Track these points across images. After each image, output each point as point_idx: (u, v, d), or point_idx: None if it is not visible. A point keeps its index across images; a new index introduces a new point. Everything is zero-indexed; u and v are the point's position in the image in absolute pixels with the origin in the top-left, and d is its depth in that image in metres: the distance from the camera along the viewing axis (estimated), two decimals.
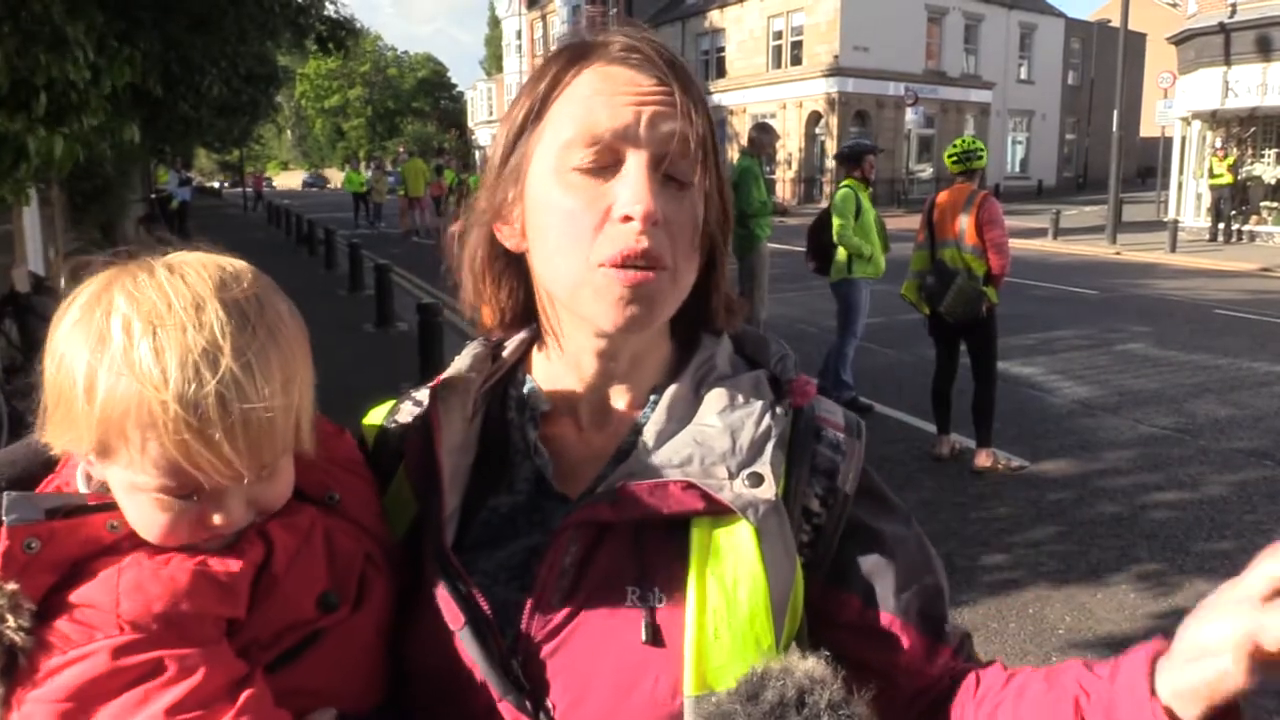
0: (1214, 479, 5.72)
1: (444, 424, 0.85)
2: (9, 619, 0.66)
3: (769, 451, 0.81)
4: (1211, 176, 20.20)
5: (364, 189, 28.30)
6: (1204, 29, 20.47)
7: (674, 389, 0.85)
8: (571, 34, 0.84)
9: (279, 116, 50.52)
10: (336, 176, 57.20)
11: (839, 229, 6.71)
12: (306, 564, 0.78)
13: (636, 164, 0.77)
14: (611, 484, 0.79)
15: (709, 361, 0.88)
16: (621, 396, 0.87)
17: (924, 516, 0.95)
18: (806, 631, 0.83)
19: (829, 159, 31.62)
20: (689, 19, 39.74)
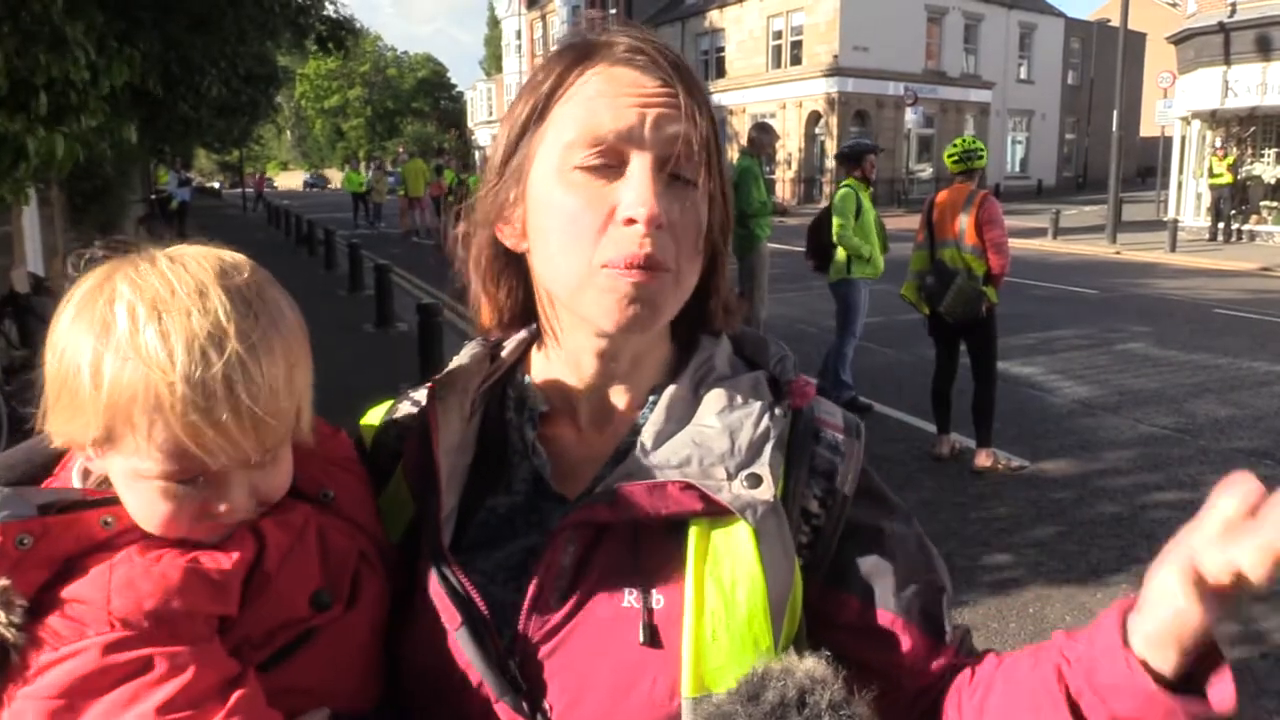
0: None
1: (442, 424, 0.85)
2: (0, 615, 0.66)
3: (768, 452, 0.80)
4: (1211, 176, 20.20)
5: (363, 189, 28.31)
6: (1203, 28, 20.47)
7: (673, 390, 0.85)
8: (574, 34, 0.83)
9: (279, 117, 50.49)
10: (337, 177, 57.19)
11: (838, 229, 6.70)
12: (299, 562, 0.77)
13: (641, 166, 0.77)
14: (610, 485, 0.79)
15: (708, 362, 0.87)
16: (621, 397, 0.87)
17: (924, 516, 0.95)
18: (806, 633, 0.82)
19: (829, 159, 31.63)
20: (688, 19, 39.73)
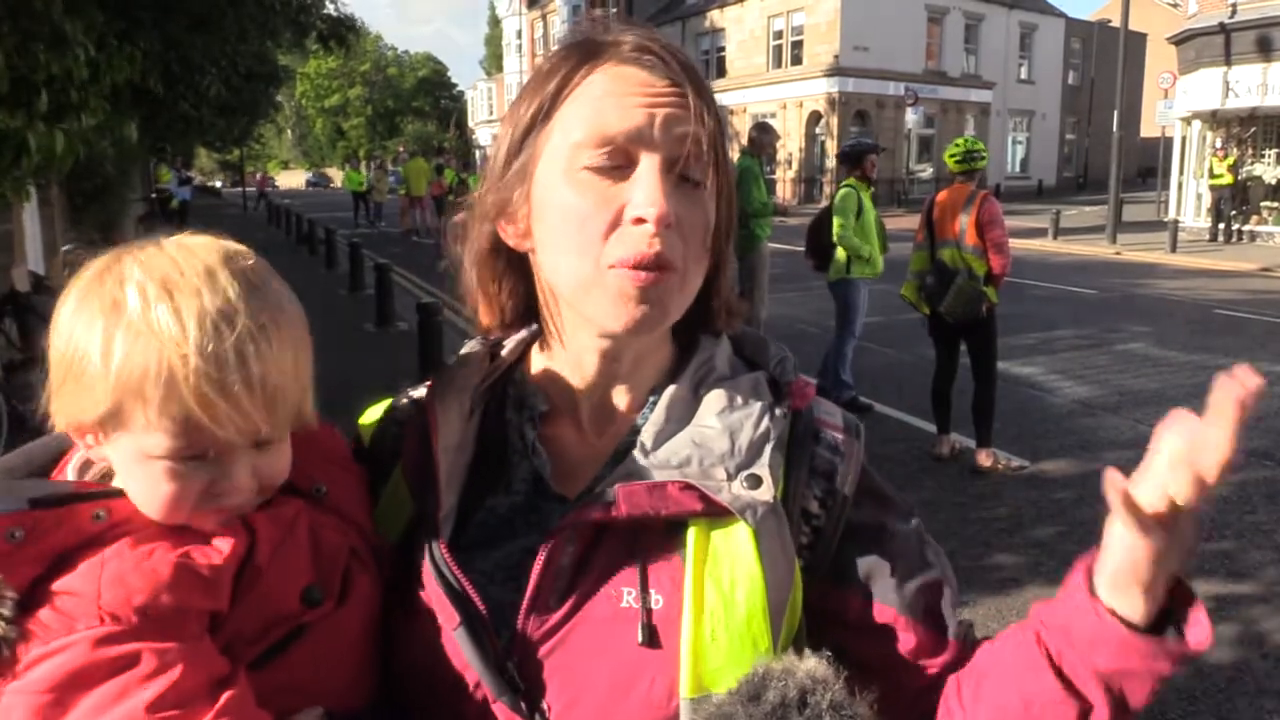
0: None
1: (441, 422, 0.85)
2: None
3: (768, 453, 0.80)
4: (1212, 176, 20.19)
5: (364, 188, 28.30)
6: (1204, 29, 20.46)
7: (673, 390, 0.84)
8: (579, 33, 0.82)
9: (279, 116, 50.52)
10: (338, 176, 57.20)
11: (839, 230, 6.70)
12: (290, 557, 0.77)
13: (650, 166, 0.76)
14: (610, 485, 0.79)
15: (708, 363, 0.87)
16: (622, 397, 0.86)
17: (924, 516, 0.95)
18: (806, 634, 0.82)
19: (829, 159, 31.63)
20: (689, 18, 39.73)
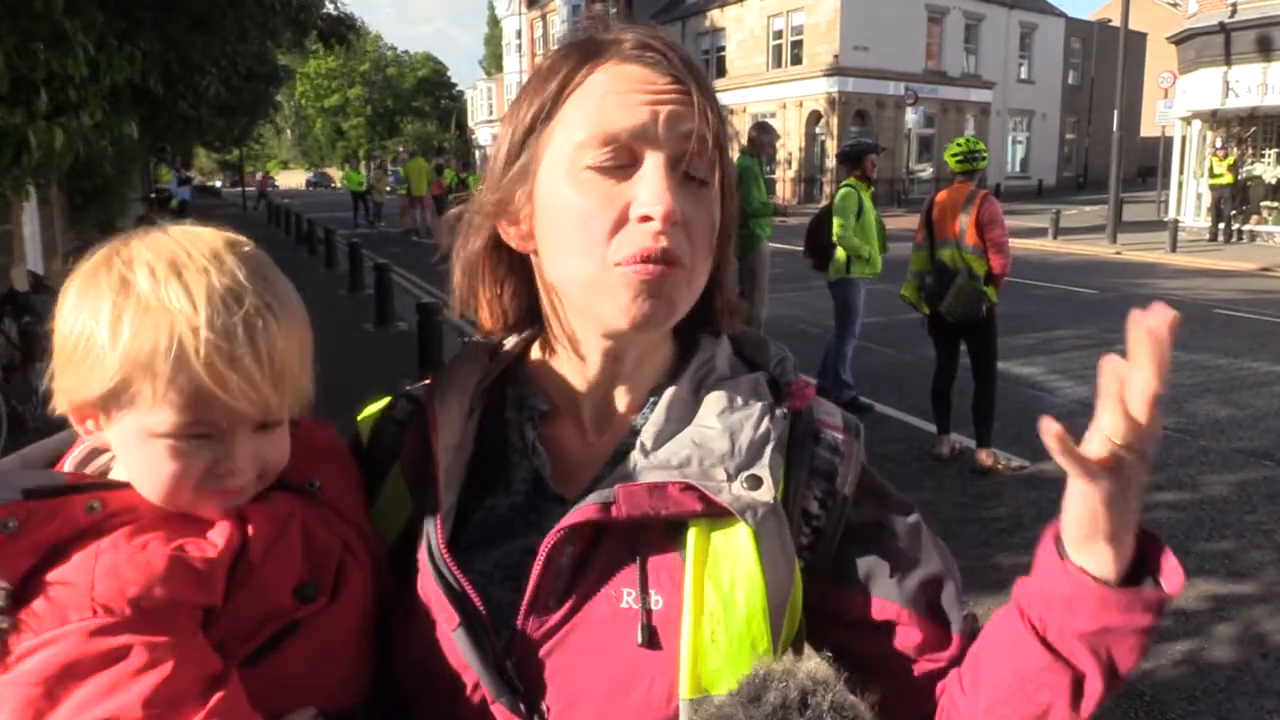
0: (1214, 479, 5.72)
1: (441, 421, 0.84)
2: None
3: (768, 454, 0.80)
4: (1212, 176, 20.19)
5: (363, 188, 28.29)
6: (1204, 29, 20.46)
7: (673, 390, 0.84)
8: (578, 31, 0.82)
9: (279, 116, 50.48)
10: (338, 176, 57.21)
11: (839, 230, 6.70)
12: (283, 553, 0.77)
13: (655, 164, 0.76)
14: (610, 485, 0.78)
15: (709, 363, 0.87)
16: (622, 397, 0.86)
17: (924, 516, 0.95)
18: (808, 634, 0.82)
19: (829, 159, 31.62)
20: (689, 18, 39.74)
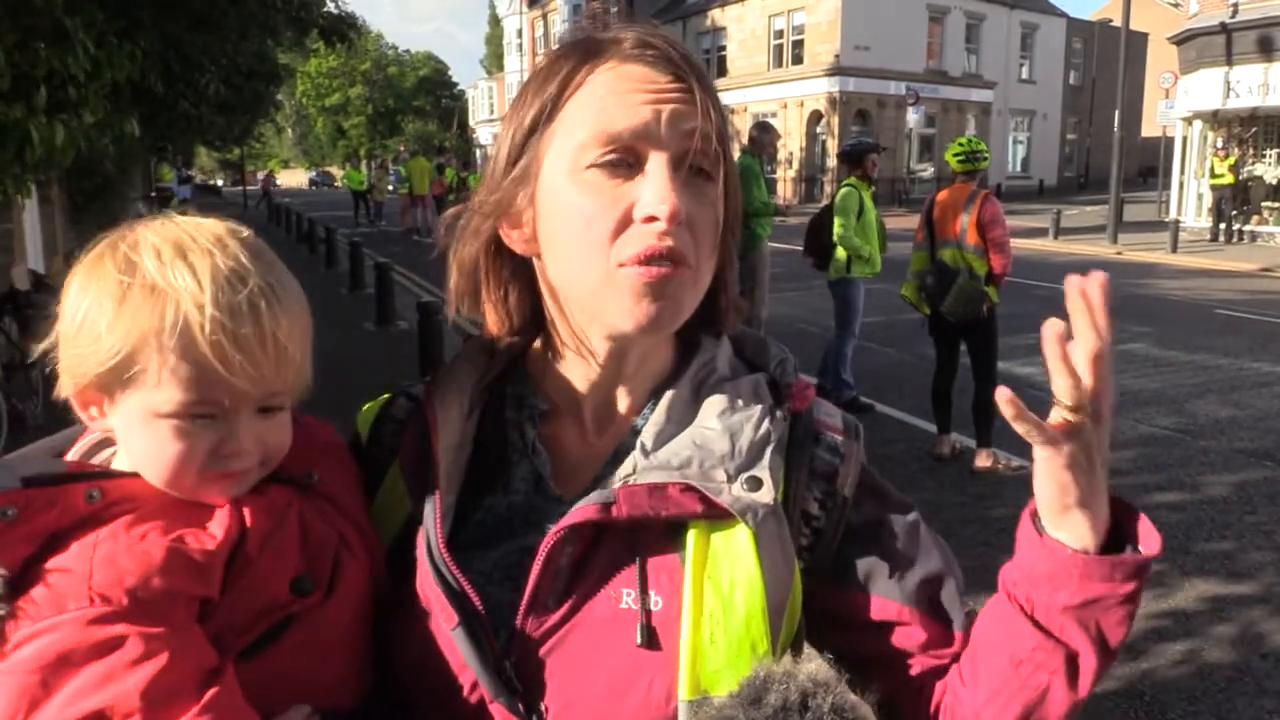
0: (1214, 479, 5.72)
1: (441, 420, 0.84)
2: None
3: (768, 455, 0.80)
4: (1213, 176, 20.18)
5: (364, 187, 28.28)
6: (1205, 29, 20.44)
7: (673, 391, 0.84)
8: (578, 31, 0.81)
9: (279, 115, 50.47)
10: (339, 175, 57.20)
11: (840, 230, 6.69)
12: (280, 546, 0.77)
13: (658, 163, 0.75)
14: (610, 485, 0.78)
15: (709, 364, 0.87)
16: (623, 398, 0.86)
17: (924, 516, 0.95)
18: (809, 635, 0.82)
19: (830, 158, 31.61)
20: (690, 18, 39.71)
